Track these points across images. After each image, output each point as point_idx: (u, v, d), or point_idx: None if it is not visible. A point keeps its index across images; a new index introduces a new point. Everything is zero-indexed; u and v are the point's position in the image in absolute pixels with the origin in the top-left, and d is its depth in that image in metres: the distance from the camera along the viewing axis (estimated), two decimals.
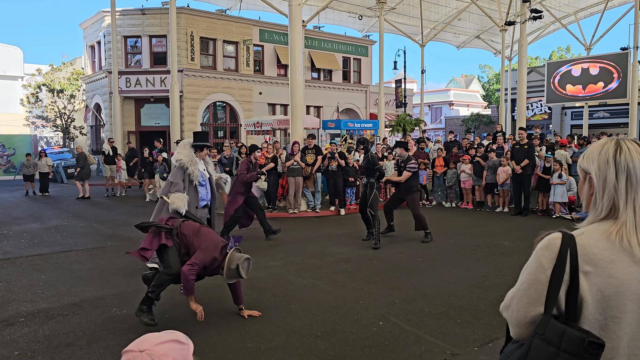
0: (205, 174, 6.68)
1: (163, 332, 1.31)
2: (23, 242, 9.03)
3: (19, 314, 5.16)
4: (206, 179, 6.69)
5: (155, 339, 1.26)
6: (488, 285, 6.05)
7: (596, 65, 24.74)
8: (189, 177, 6.39)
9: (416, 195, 8.96)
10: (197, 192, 6.51)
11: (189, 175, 6.40)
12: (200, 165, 6.62)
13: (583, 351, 1.29)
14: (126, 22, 23.86)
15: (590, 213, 1.50)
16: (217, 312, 5.13)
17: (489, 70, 58.03)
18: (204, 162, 6.74)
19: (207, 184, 6.71)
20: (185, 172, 6.38)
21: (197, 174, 6.43)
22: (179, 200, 6.10)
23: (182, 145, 6.63)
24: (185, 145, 6.59)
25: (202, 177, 6.61)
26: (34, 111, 31.91)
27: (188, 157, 6.43)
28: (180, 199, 6.12)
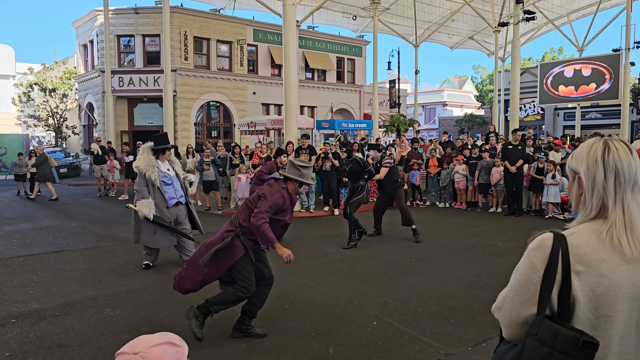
0: (170, 173, 6.88)
1: (157, 334, 1.30)
2: (14, 242, 8.97)
3: (10, 314, 5.12)
4: (172, 177, 6.90)
5: (150, 341, 1.25)
6: (482, 285, 6.06)
7: (588, 67, 24.89)
8: (151, 182, 6.65)
9: (401, 190, 9.13)
10: (163, 194, 6.76)
11: (150, 180, 6.65)
12: (163, 166, 6.85)
13: (577, 351, 1.30)
14: (119, 21, 23.75)
15: (580, 213, 1.51)
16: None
17: (483, 71, 58.28)
18: (170, 161, 6.99)
19: (174, 182, 6.93)
20: (145, 177, 6.65)
21: (156, 177, 6.67)
22: (144, 207, 6.55)
23: (142, 150, 6.87)
24: (145, 150, 6.82)
25: (167, 177, 6.83)
26: (25, 110, 31.67)
27: (145, 162, 6.69)
28: (146, 206, 6.56)
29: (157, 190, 6.72)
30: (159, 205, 6.71)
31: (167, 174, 6.86)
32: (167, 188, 6.83)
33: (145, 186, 6.68)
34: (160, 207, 6.71)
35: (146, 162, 6.70)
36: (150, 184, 6.68)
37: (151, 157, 6.76)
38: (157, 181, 6.67)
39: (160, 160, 6.86)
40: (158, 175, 6.71)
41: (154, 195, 6.69)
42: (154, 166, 6.71)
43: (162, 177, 6.78)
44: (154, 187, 6.70)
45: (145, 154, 6.78)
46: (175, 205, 6.90)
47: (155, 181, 6.66)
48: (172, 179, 6.91)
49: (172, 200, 6.85)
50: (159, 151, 6.83)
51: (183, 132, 23.52)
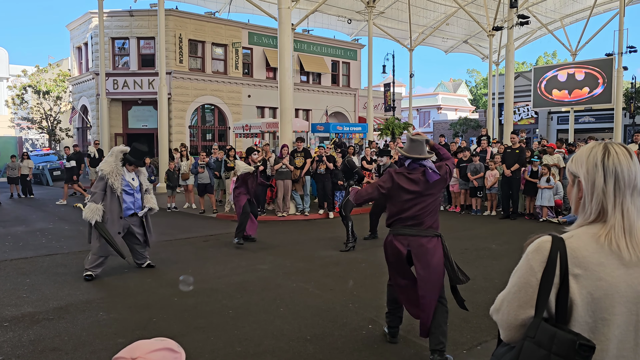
0: (133, 183, 6.74)
1: (155, 340, 1.29)
2: (7, 245, 8.90)
3: (3, 318, 5.08)
4: (134, 187, 6.74)
5: (148, 346, 1.23)
6: (476, 288, 6.07)
7: (582, 71, 25.05)
8: (111, 188, 6.49)
9: None
10: (121, 202, 6.57)
11: (111, 186, 6.49)
12: (128, 175, 6.69)
13: (574, 354, 1.30)
14: (114, 24, 23.69)
15: (579, 216, 1.51)
16: (205, 316, 5.09)
17: (477, 75, 58.54)
18: (136, 171, 6.85)
19: (135, 192, 6.77)
20: (107, 182, 6.48)
21: (118, 185, 6.50)
22: (89, 212, 6.37)
23: (111, 153, 6.68)
24: (114, 154, 6.63)
25: (129, 187, 6.69)
26: (19, 113, 31.52)
27: (111, 167, 6.50)
28: (92, 210, 6.36)
29: (115, 198, 6.53)
30: (113, 213, 6.51)
31: (130, 184, 6.71)
32: (127, 197, 6.68)
33: (102, 190, 6.50)
34: (113, 215, 6.51)
35: (112, 168, 6.51)
36: (110, 190, 6.49)
37: (118, 164, 6.59)
38: (118, 189, 6.50)
39: (127, 169, 6.71)
40: (121, 183, 6.55)
41: (110, 203, 6.49)
42: (119, 173, 6.56)
43: (125, 185, 6.62)
44: (113, 195, 6.51)
45: (113, 159, 6.59)
46: (130, 216, 6.76)
47: (116, 189, 6.49)
48: (135, 189, 6.76)
49: (128, 211, 6.71)
50: (129, 162, 6.67)
51: (177, 135, 23.46)
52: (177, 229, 10.65)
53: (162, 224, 11.25)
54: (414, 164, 4.05)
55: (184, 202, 14.21)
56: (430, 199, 4.03)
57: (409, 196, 3.98)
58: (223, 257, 7.89)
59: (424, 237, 3.98)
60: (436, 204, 4.11)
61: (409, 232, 4.00)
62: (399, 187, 4.00)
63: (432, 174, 3.98)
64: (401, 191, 4.00)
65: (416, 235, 3.99)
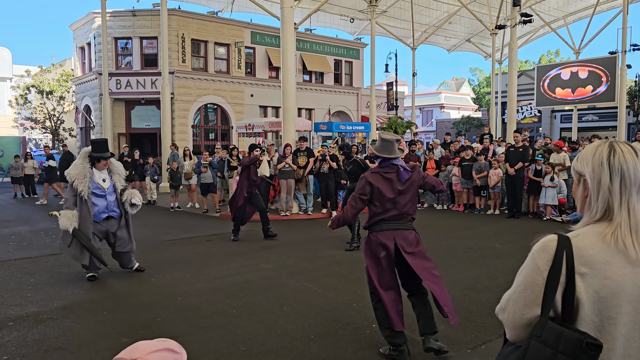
0: (104, 184, 6.36)
1: (156, 340, 1.29)
2: (11, 244, 8.93)
3: (7, 317, 5.09)
4: (105, 189, 6.38)
5: (148, 347, 1.23)
6: (480, 287, 6.06)
7: (585, 69, 24.96)
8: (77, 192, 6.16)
9: None
10: (89, 207, 6.21)
11: (76, 190, 6.16)
12: (98, 175, 6.33)
13: (581, 352, 1.30)
14: (117, 24, 23.73)
15: (585, 215, 1.51)
16: (209, 315, 5.10)
17: (480, 74, 58.42)
18: (110, 171, 6.49)
19: (108, 194, 6.41)
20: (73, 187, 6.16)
21: (82, 189, 6.15)
22: (65, 219, 6.12)
23: (80, 155, 6.42)
24: (82, 155, 6.35)
25: (99, 189, 6.32)
26: (22, 113, 31.61)
27: (77, 170, 6.20)
28: (68, 217, 6.11)
29: (84, 202, 6.18)
30: (84, 218, 6.17)
31: (100, 185, 6.33)
32: (98, 200, 6.30)
33: (73, 196, 6.19)
34: (85, 221, 6.17)
35: (78, 171, 6.19)
36: (78, 194, 6.17)
37: (85, 165, 6.26)
38: (84, 192, 6.15)
39: (97, 168, 6.33)
40: (88, 186, 6.17)
41: (80, 207, 6.17)
42: (85, 176, 6.20)
43: (94, 188, 6.25)
44: (81, 199, 6.17)
45: (80, 160, 6.30)
46: (106, 219, 6.42)
47: (82, 192, 6.14)
48: (107, 191, 6.38)
49: (102, 214, 6.36)
50: (95, 159, 6.31)
51: (180, 135, 23.49)
52: (180, 228, 10.67)
53: (165, 224, 11.27)
54: (385, 163, 4.15)
55: (187, 202, 14.22)
56: (409, 195, 4.15)
57: (390, 196, 4.07)
58: (226, 256, 7.90)
59: (406, 230, 4.13)
60: (414, 199, 4.23)
61: (393, 226, 4.11)
62: (379, 190, 4.08)
63: (403, 173, 4.12)
64: (381, 193, 4.08)
65: (399, 229, 4.11)
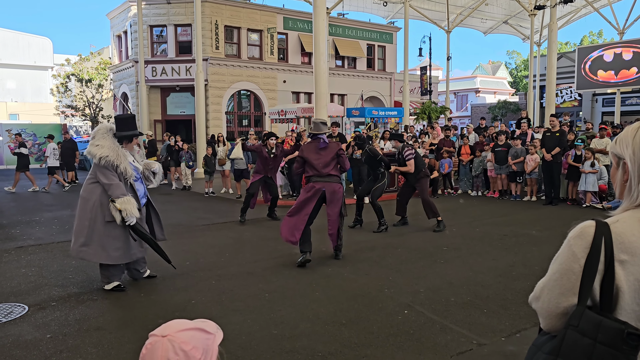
0: (138, 166, 5.63)
1: (194, 320, 1.31)
2: (54, 228, 9.26)
3: (50, 298, 5.30)
4: (140, 171, 5.64)
5: (180, 325, 1.26)
6: (515, 275, 5.95)
7: (629, 50, 23.92)
8: (123, 176, 5.27)
9: (424, 181, 8.89)
10: (135, 192, 5.44)
11: (122, 174, 5.26)
12: (130, 156, 5.51)
13: (622, 342, 1.25)
14: (152, 12, 24.06)
15: (625, 200, 1.44)
16: (242, 299, 5.17)
17: (517, 57, 56.81)
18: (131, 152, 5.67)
19: (141, 177, 5.66)
20: (118, 169, 5.21)
21: (131, 172, 5.32)
22: (130, 205, 5.15)
23: (100, 134, 5.30)
24: (105, 134, 5.30)
25: (137, 171, 5.56)
26: (63, 101, 32.55)
27: (113, 150, 5.23)
28: (132, 204, 5.17)
29: (129, 188, 5.34)
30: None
31: (137, 167, 5.56)
32: (138, 185, 5.53)
33: (119, 180, 5.21)
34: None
35: (115, 151, 5.23)
36: (123, 178, 5.27)
37: (117, 144, 5.32)
38: (132, 176, 5.35)
39: (127, 148, 5.48)
40: (132, 168, 5.38)
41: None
42: (124, 156, 5.33)
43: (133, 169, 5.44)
44: (125, 184, 5.30)
45: (108, 141, 5.27)
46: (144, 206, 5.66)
47: (130, 176, 5.31)
48: (140, 174, 5.64)
49: (142, 199, 5.59)
50: (125, 138, 5.42)
51: (214, 121, 23.77)
52: (214, 213, 10.84)
53: (200, 209, 11.47)
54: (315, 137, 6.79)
55: (221, 187, 14.43)
56: (328, 157, 6.57)
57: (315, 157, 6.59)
58: (259, 241, 7.99)
59: (334, 184, 6.60)
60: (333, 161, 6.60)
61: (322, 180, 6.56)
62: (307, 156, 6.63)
63: (321, 143, 6.69)
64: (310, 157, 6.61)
65: (328, 182, 6.56)
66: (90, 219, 5.18)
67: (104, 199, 5.20)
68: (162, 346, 1.21)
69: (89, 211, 5.19)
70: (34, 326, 4.53)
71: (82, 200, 5.28)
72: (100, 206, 5.20)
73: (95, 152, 5.18)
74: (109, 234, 5.22)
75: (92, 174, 5.32)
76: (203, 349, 1.24)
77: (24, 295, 5.38)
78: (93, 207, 5.19)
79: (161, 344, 1.22)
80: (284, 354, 3.90)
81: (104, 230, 5.21)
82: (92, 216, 5.18)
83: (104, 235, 5.20)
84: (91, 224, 5.18)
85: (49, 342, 4.18)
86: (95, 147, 5.21)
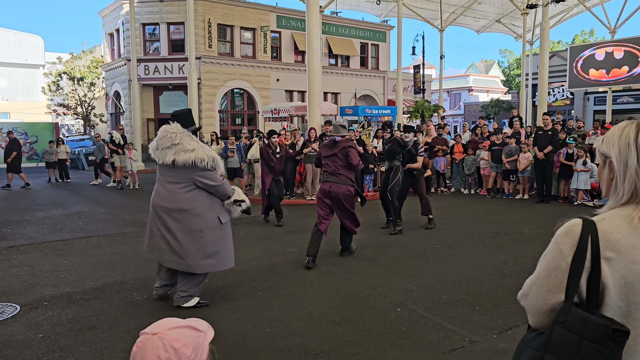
0: None
1: (185, 319, 1.32)
2: (46, 227, 9.21)
3: (42, 297, 5.27)
4: None
5: (170, 323, 1.27)
6: (507, 272, 5.99)
7: (621, 49, 24.08)
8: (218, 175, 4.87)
9: (422, 178, 8.91)
10: None
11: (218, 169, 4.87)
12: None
13: (607, 339, 1.27)
14: (144, 10, 23.96)
15: (611, 198, 1.46)
16: (235, 297, 5.18)
17: (510, 55, 57.01)
18: None
19: None
20: (218, 170, 4.84)
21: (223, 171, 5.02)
22: (240, 191, 4.99)
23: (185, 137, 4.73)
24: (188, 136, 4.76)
25: None
26: (55, 99, 32.36)
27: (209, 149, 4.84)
28: (238, 190, 5.01)
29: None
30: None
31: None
32: None
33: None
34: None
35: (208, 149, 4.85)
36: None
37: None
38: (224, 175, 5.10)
39: None
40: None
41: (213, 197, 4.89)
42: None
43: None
44: None
45: (196, 141, 4.79)
46: None
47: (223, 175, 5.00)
48: None
49: None
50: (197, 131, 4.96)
51: (207, 120, 23.71)
52: None
53: None
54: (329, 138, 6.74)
55: None
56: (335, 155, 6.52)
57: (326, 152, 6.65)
58: (253, 240, 7.99)
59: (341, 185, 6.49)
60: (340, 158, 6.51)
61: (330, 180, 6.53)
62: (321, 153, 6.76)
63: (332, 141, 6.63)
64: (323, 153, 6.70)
65: (335, 183, 6.48)
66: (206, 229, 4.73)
67: (213, 202, 4.80)
68: (153, 344, 1.22)
69: (201, 223, 4.71)
70: (26, 326, 4.51)
71: (181, 213, 4.69)
72: (212, 211, 4.79)
73: (201, 156, 4.64)
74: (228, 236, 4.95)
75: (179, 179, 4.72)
76: (193, 347, 1.24)
77: (16, 295, 5.35)
78: (204, 216, 4.73)
79: (151, 342, 1.22)
80: (277, 352, 3.91)
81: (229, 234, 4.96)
82: (206, 225, 4.73)
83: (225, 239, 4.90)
84: (221, 230, 4.84)
85: (41, 342, 4.16)
86: (192, 152, 4.64)
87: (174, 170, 4.72)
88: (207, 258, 4.74)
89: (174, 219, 4.70)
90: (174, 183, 4.75)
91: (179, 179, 4.73)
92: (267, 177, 9.27)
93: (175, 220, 4.70)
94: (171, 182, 4.76)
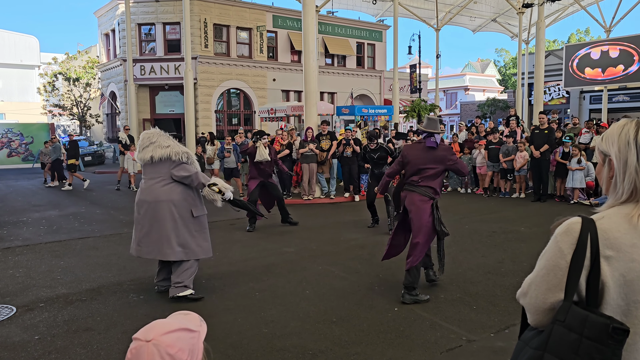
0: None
1: (178, 313, 1.29)
2: (42, 228, 9.17)
3: (38, 299, 5.25)
4: None
5: (164, 327, 1.22)
6: (504, 271, 6.00)
7: (616, 48, 24.14)
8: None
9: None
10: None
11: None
12: None
13: (607, 337, 1.26)
14: (140, 10, 23.89)
15: (610, 197, 1.46)
16: (232, 298, 5.16)
17: (506, 54, 57.13)
18: None
19: None
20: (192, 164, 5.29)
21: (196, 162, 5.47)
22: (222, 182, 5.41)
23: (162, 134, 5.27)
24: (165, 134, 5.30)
25: None
26: (50, 100, 32.23)
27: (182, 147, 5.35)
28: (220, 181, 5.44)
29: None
30: None
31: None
32: None
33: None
34: None
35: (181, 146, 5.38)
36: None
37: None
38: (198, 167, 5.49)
39: None
40: None
41: None
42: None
43: None
44: None
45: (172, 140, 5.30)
46: None
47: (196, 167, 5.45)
48: None
49: None
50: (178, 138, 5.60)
51: (204, 120, 23.67)
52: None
53: None
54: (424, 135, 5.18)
55: None
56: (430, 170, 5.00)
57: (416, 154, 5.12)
58: (249, 240, 7.97)
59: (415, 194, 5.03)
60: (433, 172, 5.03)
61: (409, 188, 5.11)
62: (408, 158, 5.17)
63: (431, 142, 5.03)
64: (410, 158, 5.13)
65: (413, 192, 5.05)
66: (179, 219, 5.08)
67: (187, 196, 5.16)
68: (147, 351, 1.18)
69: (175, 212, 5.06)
70: (22, 327, 4.48)
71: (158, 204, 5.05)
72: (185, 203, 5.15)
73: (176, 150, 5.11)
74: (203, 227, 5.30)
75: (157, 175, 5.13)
76: (189, 350, 1.21)
77: (12, 297, 5.32)
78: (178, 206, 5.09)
79: (146, 349, 1.18)
80: (275, 353, 3.90)
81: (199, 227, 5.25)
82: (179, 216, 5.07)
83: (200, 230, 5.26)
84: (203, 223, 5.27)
85: (37, 344, 4.14)
86: (167, 147, 5.11)
87: (154, 167, 5.15)
88: (179, 246, 5.07)
89: (152, 209, 5.08)
90: (153, 179, 5.17)
91: (158, 175, 5.15)
92: (253, 181, 8.90)
93: (152, 210, 5.08)
94: (151, 178, 5.19)
